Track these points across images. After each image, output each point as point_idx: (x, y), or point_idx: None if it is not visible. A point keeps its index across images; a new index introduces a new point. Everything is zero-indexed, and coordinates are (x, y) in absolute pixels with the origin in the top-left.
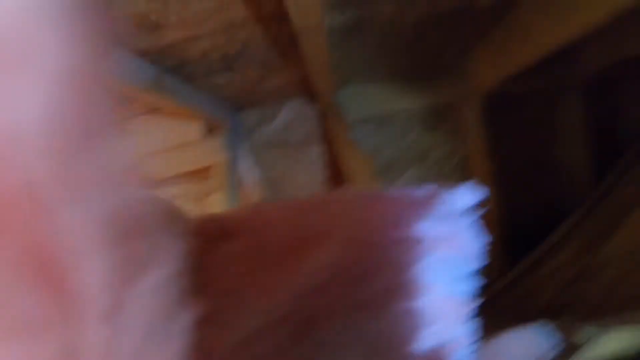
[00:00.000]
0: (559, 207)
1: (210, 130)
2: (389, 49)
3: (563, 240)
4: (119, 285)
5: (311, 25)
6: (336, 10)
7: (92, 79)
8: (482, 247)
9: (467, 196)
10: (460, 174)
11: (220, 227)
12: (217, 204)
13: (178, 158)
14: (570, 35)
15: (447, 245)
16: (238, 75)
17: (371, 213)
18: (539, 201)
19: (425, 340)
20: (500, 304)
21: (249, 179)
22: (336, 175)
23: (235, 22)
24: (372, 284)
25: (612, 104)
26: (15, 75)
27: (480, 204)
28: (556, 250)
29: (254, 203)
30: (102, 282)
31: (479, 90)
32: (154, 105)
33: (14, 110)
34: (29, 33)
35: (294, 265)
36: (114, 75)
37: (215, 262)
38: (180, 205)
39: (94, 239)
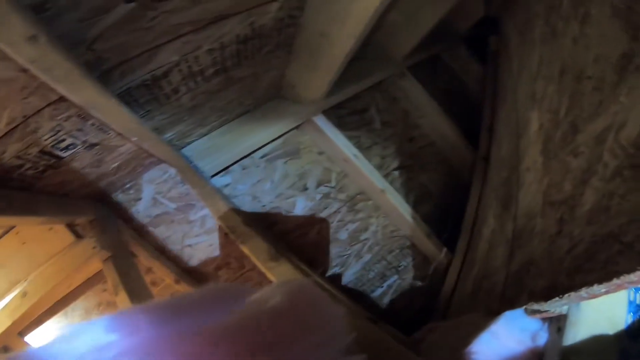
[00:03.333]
0: (456, 181)
1: (80, 231)
2: (203, 94)
3: (481, 212)
4: None
5: (93, 100)
6: (120, 72)
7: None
8: None
9: None
10: (348, 189)
11: None
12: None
13: (62, 269)
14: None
15: None
16: (71, 166)
17: None
18: (434, 180)
19: None
20: (460, 296)
21: (151, 264)
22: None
23: (31, 113)
24: None
25: (446, 74)
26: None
27: None
28: (481, 223)
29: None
30: None
31: (315, 105)
32: (7, 225)
33: None
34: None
35: None
36: None
37: None
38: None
39: None
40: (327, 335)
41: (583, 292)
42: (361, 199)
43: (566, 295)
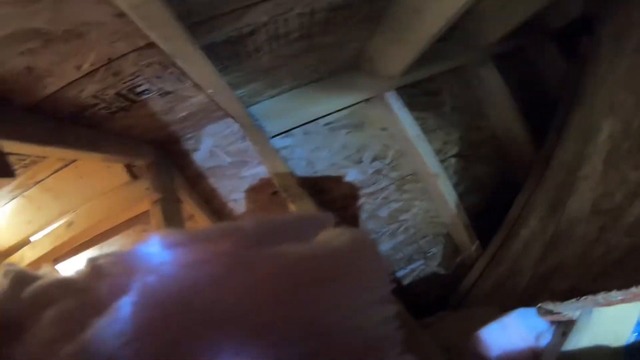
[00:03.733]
0: (510, 178)
1: (138, 171)
2: (283, 57)
3: (525, 212)
4: None
5: (181, 50)
6: (208, 27)
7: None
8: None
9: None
10: (401, 169)
11: None
12: None
13: (111, 205)
14: (458, 8)
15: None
16: (142, 110)
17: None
18: (488, 173)
19: None
20: (479, 290)
21: (194, 212)
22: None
23: (116, 56)
24: None
25: (527, 68)
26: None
27: None
28: (521, 223)
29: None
30: None
31: (390, 81)
32: (71, 158)
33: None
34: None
35: None
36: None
37: None
38: None
39: None
40: (376, 280)
41: (600, 296)
42: (411, 179)
43: (583, 297)
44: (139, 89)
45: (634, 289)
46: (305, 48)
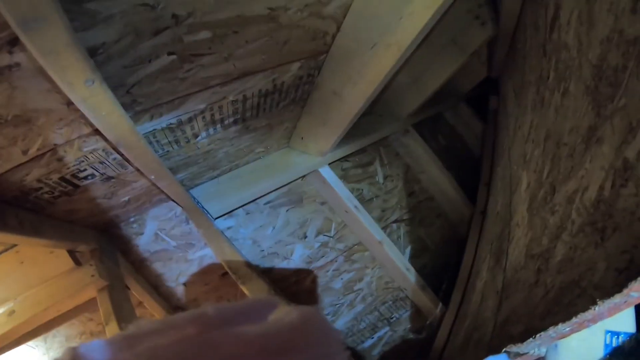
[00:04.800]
0: (453, 235)
1: (80, 258)
2: (220, 140)
3: (476, 264)
4: None
5: (124, 137)
6: (150, 115)
7: None
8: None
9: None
10: (347, 240)
11: None
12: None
13: (55, 293)
14: (373, 90)
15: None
16: (84, 195)
17: None
18: (432, 233)
19: None
20: (451, 348)
21: (143, 298)
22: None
23: (62, 142)
24: None
25: (448, 131)
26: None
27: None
28: (475, 275)
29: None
30: None
31: (321, 156)
32: (12, 242)
33: None
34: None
35: None
36: None
37: None
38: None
39: None
40: (331, 350)
41: (551, 331)
42: (358, 249)
43: (538, 335)
44: (82, 174)
45: (575, 319)
46: (239, 131)
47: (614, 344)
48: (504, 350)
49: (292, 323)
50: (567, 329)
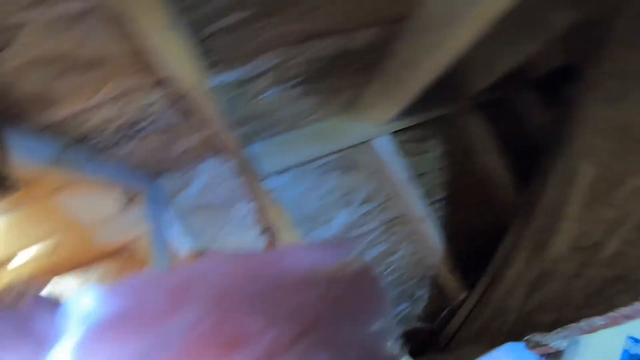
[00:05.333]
0: (494, 223)
1: (129, 201)
2: (283, 101)
3: (510, 255)
4: None
5: (195, 87)
6: (221, 68)
7: None
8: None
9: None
10: (390, 212)
11: None
12: None
13: (99, 234)
14: (447, 62)
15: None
16: (143, 143)
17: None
18: (475, 217)
19: None
20: (466, 332)
21: (179, 247)
22: (268, 230)
23: (128, 90)
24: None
25: (512, 116)
26: None
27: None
28: (506, 266)
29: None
30: None
31: (382, 126)
32: (64, 183)
33: None
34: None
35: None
36: None
37: None
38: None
39: None
40: (379, 308)
41: (583, 323)
42: (399, 223)
43: (567, 326)
44: (143, 123)
45: (611, 313)
46: (304, 92)
47: (632, 352)
48: (525, 338)
49: (352, 274)
50: (601, 322)
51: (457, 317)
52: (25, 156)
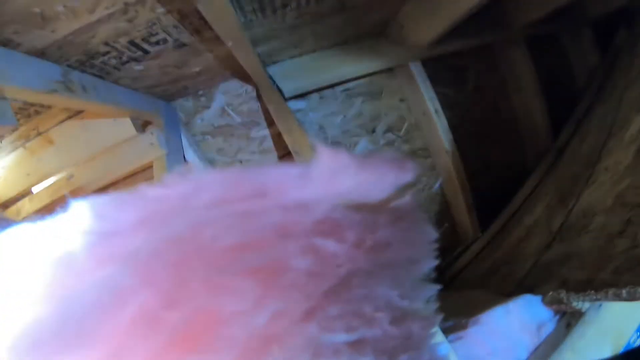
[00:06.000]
0: (520, 165)
1: (144, 125)
2: (310, 15)
3: (531, 200)
4: None
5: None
6: None
7: None
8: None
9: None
10: (414, 142)
11: None
12: None
13: (114, 159)
14: None
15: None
16: (154, 62)
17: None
18: (500, 157)
19: None
20: (471, 273)
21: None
22: (288, 153)
23: (131, 2)
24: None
25: (558, 55)
26: None
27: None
28: (525, 211)
29: None
30: None
31: (417, 51)
32: (76, 108)
33: None
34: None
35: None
36: None
37: None
38: None
39: None
40: (424, 242)
41: (624, 291)
42: (422, 154)
43: (604, 290)
44: (153, 39)
45: None
46: (334, 8)
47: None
48: (550, 293)
49: (406, 204)
50: None
51: (466, 255)
52: (24, 83)
